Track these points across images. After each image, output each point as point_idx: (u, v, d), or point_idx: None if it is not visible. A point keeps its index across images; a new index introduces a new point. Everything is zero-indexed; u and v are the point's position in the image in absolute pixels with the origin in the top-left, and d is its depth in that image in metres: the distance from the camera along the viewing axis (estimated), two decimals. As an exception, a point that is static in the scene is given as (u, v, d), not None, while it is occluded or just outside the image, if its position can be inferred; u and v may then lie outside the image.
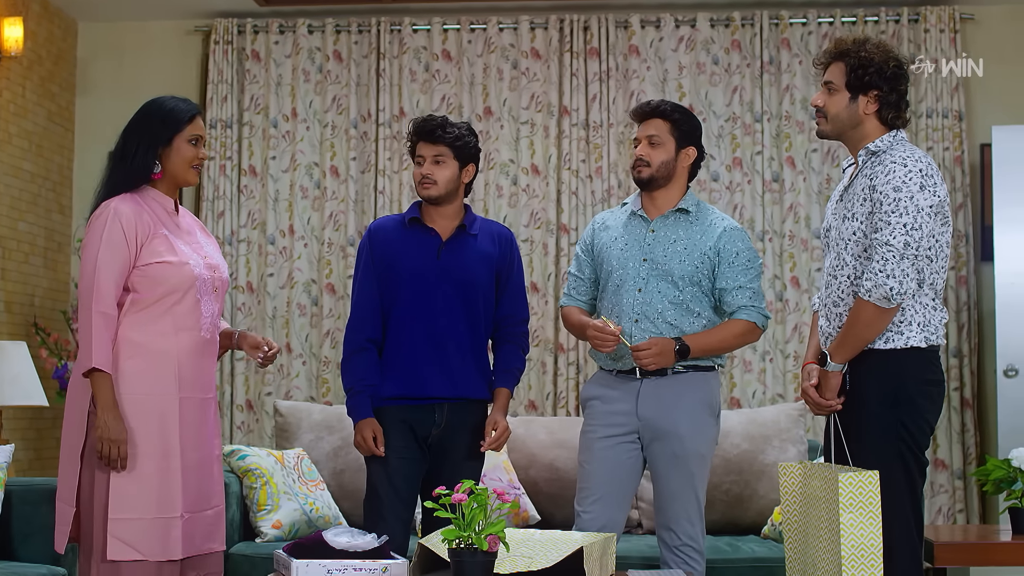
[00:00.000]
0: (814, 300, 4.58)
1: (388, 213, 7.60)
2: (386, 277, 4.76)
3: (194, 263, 4.24)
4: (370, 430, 4.69)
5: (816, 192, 7.53)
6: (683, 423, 4.68)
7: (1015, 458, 5.01)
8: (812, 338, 4.52)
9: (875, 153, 4.29)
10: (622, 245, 4.81)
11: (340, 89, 7.74)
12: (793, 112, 7.56)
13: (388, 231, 4.82)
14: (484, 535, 3.67)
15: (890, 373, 4.19)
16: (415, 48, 7.75)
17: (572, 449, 5.96)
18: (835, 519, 4.02)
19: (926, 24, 7.48)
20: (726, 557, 5.26)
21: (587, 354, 7.43)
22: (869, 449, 4.17)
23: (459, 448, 4.76)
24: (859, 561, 3.97)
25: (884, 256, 4.11)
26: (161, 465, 4.15)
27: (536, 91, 7.68)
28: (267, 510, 5.53)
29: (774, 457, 5.80)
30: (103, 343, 4.10)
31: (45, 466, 7.34)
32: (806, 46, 7.60)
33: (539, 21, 7.71)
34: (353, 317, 4.82)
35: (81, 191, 7.82)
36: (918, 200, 4.12)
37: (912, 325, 4.20)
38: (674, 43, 7.64)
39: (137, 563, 4.10)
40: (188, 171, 4.30)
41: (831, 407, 4.28)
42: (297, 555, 3.98)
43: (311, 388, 7.53)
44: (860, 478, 3.99)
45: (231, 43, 7.75)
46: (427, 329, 4.72)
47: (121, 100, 7.82)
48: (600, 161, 7.58)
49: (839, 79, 4.34)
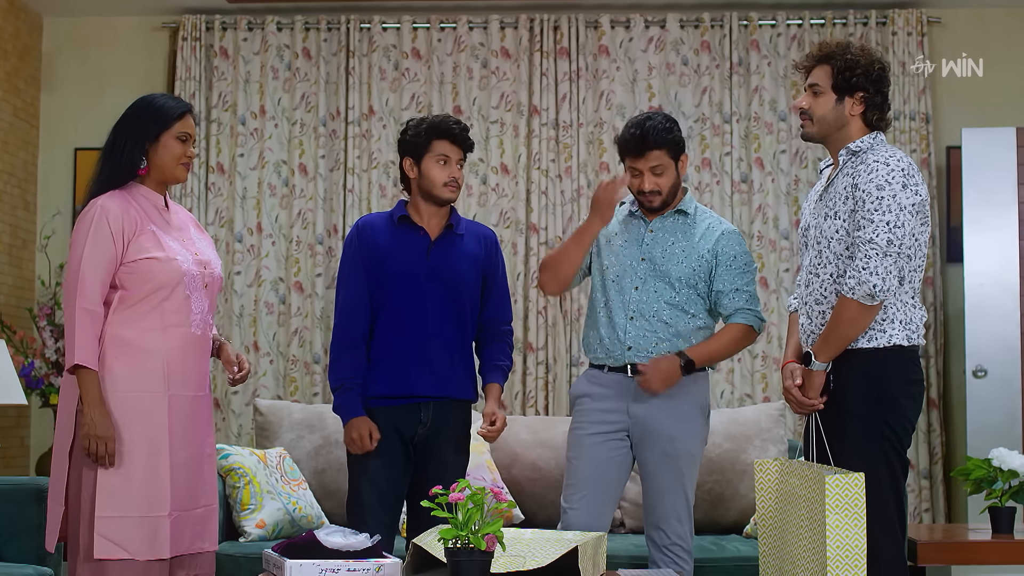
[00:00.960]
0: (790, 301, 4.61)
1: (357, 211, 7.58)
2: (375, 274, 4.74)
3: (182, 259, 4.22)
4: (365, 427, 4.67)
5: (784, 193, 7.57)
6: (674, 423, 4.70)
7: (995, 458, 5.06)
8: (791, 338, 4.55)
9: (856, 153, 4.34)
10: (621, 242, 4.83)
11: (309, 87, 7.71)
12: (762, 113, 7.60)
13: (377, 228, 4.80)
14: (482, 534, 3.67)
15: (874, 373, 4.22)
16: (385, 46, 7.73)
17: (555, 448, 5.98)
18: (820, 520, 4.04)
19: (894, 27, 7.54)
20: (712, 556, 5.28)
21: (568, 349, 7.45)
22: (853, 448, 4.20)
23: (444, 447, 4.75)
24: (844, 562, 3.99)
25: (867, 253, 4.15)
26: (148, 463, 4.12)
27: (506, 90, 7.68)
28: (250, 509, 5.50)
29: (755, 456, 5.84)
30: (87, 339, 4.07)
31: (10, 464, 7.27)
32: (775, 48, 7.64)
33: (509, 20, 7.71)
34: (342, 314, 4.78)
35: (46, 187, 7.76)
36: (900, 199, 4.16)
37: (894, 323, 4.24)
38: (644, 43, 7.66)
39: (124, 562, 4.06)
40: (177, 168, 4.28)
41: (814, 406, 4.31)
42: (290, 555, 3.96)
43: (278, 387, 7.49)
44: (846, 480, 4.01)
45: (199, 40, 7.70)
46: (416, 329, 4.71)
47: (87, 96, 7.80)
48: (570, 161, 7.59)
49: (825, 81, 4.39)
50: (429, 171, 4.76)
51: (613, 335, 4.74)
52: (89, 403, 4.06)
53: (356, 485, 4.71)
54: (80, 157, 7.75)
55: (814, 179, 7.52)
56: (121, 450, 4.08)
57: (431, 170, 4.76)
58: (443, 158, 4.75)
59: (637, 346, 4.72)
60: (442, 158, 4.75)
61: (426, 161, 4.76)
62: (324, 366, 7.43)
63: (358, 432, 4.67)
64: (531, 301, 7.50)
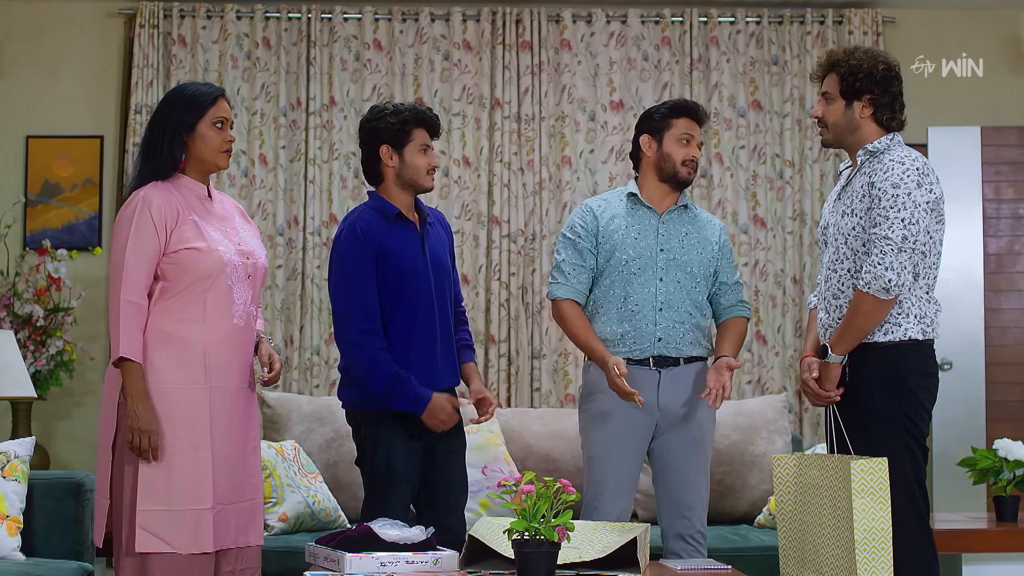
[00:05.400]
0: (811, 298, 4.72)
1: (319, 203, 7.54)
2: (382, 274, 4.66)
3: (224, 249, 4.16)
4: (447, 403, 4.62)
5: (743, 188, 7.68)
6: (700, 410, 4.81)
7: (1000, 448, 5.21)
8: (810, 332, 4.67)
9: (874, 153, 4.46)
10: (635, 234, 4.85)
11: (269, 76, 7.63)
12: (721, 109, 7.70)
13: (377, 226, 4.70)
14: (552, 526, 3.69)
15: (892, 367, 4.35)
16: (346, 37, 7.68)
17: (567, 440, 6.01)
18: (846, 506, 4.14)
19: (850, 26, 7.70)
20: (737, 546, 5.35)
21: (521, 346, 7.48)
22: (876, 442, 4.32)
23: (450, 432, 4.75)
24: (871, 544, 4.12)
25: (883, 249, 4.26)
26: (191, 456, 4.06)
27: (468, 83, 7.68)
28: (272, 503, 5.43)
29: (763, 448, 5.93)
30: (132, 332, 4.02)
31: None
32: (734, 45, 7.75)
33: (471, 13, 7.71)
34: (358, 314, 4.62)
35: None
36: (915, 196, 4.29)
37: (909, 317, 4.36)
38: (605, 38, 7.72)
39: (166, 555, 4.01)
40: (218, 156, 4.24)
41: (831, 399, 4.42)
42: (346, 548, 3.95)
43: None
44: (871, 465, 4.14)
45: (156, 27, 7.57)
46: (429, 323, 4.69)
47: (39, 83, 7.64)
48: (532, 154, 7.62)
49: (834, 88, 4.53)
50: (413, 160, 4.72)
51: (640, 328, 4.77)
52: (134, 396, 4.00)
53: (385, 494, 4.59)
54: (32, 144, 7.59)
55: (772, 175, 7.66)
56: (163, 443, 4.03)
57: (415, 159, 4.72)
58: (424, 147, 4.75)
59: (667, 337, 4.77)
60: (423, 147, 4.75)
61: (409, 150, 4.72)
62: (284, 358, 7.35)
63: (443, 411, 4.62)
64: (493, 294, 7.52)
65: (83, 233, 7.56)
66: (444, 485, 4.71)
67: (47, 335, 7.06)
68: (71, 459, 7.29)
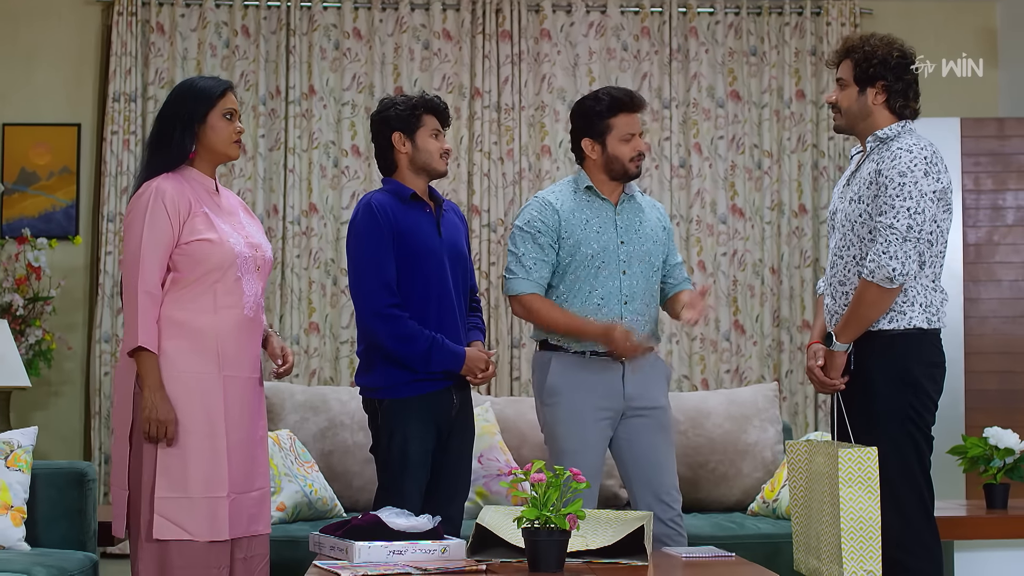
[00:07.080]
0: (820, 284, 4.73)
1: (298, 192, 7.53)
2: (400, 256, 4.69)
3: (235, 241, 4.17)
4: (480, 356, 4.68)
5: (722, 178, 7.72)
6: (663, 396, 4.86)
7: (991, 436, 5.27)
8: (817, 320, 4.68)
9: (883, 140, 4.46)
10: (596, 228, 4.81)
11: (248, 65, 7.61)
12: (700, 99, 7.74)
13: (394, 208, 4.68)
14: (563, 514, 3.71)
15: (897, 356, 4.36)
16: (325, 25, 7.67)
17: (562, 429, 6.02)
18: (836, 494, 4.17)
19: (828, 17, 7.76)
20: (734, 534, 5.37)
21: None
22: (881, 430, 4.33)
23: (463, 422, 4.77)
24: (858, 533, 4.14)
25: (887, 238, 4.27)
26: (207, 444, 4.06)
27: (448, 72, 7.69)
28: (271, 492, 5.41)
29: (755, 436, 5.95)
30: (148, 322, 4.02)
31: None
32: (713, 35, 7.79)
33: (451, 3, 7.72)
34: (383, 290, 4.61)
35: (-26, 163, 7.54)
36: (922, 185, 4.30)
37: (915, 306, 4.37)
38: (585, 28, 7.74)
39: (184, 543, 4.01)
40: (230, 146, 4.24)
41: (836, 386, 4.44)
42: (354, 537, 3.95)
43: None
44: (859, 454, 4.15)
45: (135, 15, 7.54)
46: (445, 305, 4.69)
47: (16, 71, 7.60)
48: (512, 143, 7.64)
49: (848, 74, 4.53)
50: (426, 144, 4.74)
51: (607, 321, 4.76)
52: (149, 386, 4.00)
53: (400, 484, 4.58)
54: (8, 132, 7.54)
55: (751, 165, 7.71)
56: (179, 431, 4.03)
57: (428, 143, 4.74)
58: (435, 132, 4.77)
59: (632, 329, 4.77)
60: (434, 132, 4.77)
61: (420, 135, 4.74)
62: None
63: (480, 361, 4.68)
64: (473, 283, 7.52)
65: (60, 222, 7.52)
66: (452, 475, 4.71)
67: (26, 324, 7.02)
68: (48, 449, 7.23)
